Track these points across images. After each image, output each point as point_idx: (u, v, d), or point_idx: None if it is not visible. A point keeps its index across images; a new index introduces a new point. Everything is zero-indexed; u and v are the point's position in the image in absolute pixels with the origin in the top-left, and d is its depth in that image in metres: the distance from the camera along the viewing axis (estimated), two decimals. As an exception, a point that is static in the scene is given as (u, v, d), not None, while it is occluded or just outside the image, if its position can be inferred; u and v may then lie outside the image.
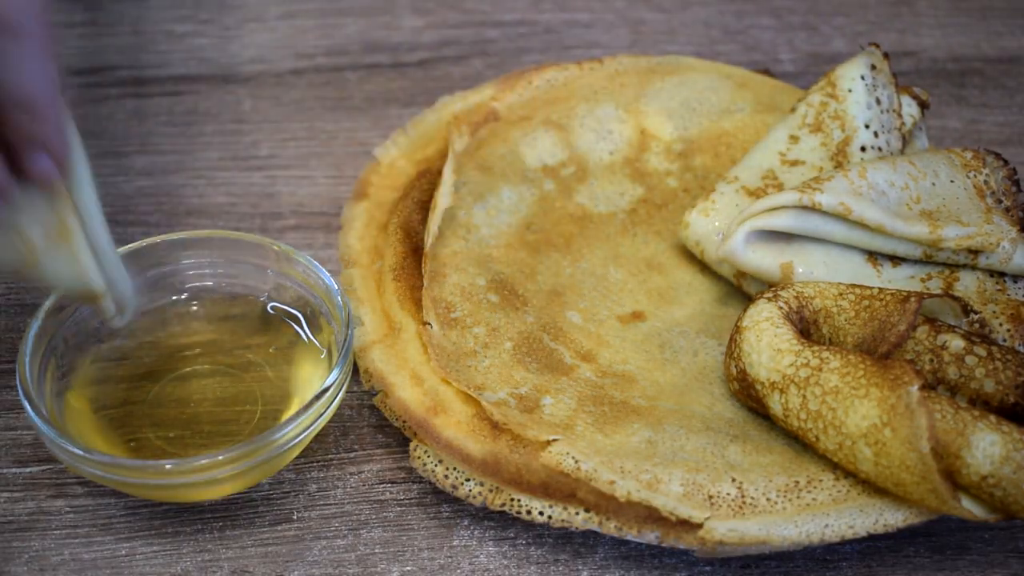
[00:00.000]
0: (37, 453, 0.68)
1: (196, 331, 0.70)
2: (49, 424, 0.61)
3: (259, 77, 0.94)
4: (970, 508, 0.59)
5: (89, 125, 0.90)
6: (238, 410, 0.67)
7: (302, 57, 0.96)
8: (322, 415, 0.63)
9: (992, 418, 0.59)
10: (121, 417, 0.66)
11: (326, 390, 0.63)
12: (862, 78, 0.75)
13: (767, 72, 0.86)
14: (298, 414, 0.62)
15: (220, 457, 0.60)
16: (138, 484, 0.61)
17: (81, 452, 0.60)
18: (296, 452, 0.64)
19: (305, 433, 0.63)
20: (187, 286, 0.71)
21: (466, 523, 0.65)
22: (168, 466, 0.60)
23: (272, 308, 0.70)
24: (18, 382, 0.63)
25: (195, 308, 0.71)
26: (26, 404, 0.62)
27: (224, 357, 0.69)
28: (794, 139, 0.75)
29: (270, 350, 0.69)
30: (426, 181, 0.77)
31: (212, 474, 0.60)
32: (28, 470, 0.67)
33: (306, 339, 0.69)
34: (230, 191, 0.84)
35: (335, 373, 0.64)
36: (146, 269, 0.70)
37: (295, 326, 0.70)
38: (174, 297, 0.71)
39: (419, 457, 0.64)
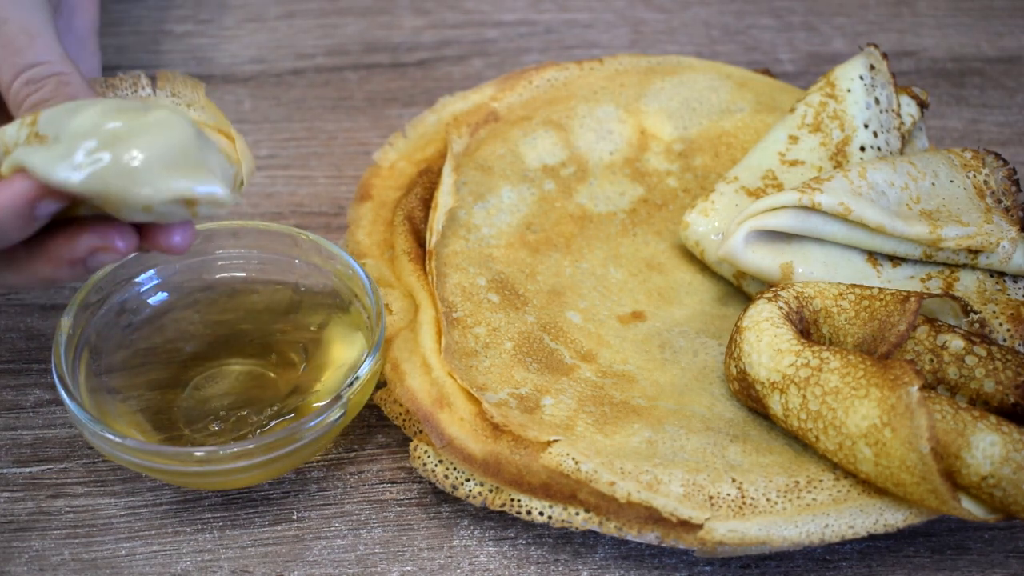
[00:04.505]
0: (37, 453, 0.68)
1: (227, 321, 0.70)
2: (85, 411, 0.61)
3: (259, 77, 0.94)
4: (970, 508, 0.59)
5: (89, 125, 0.89)
6: (271, 399, 0.67)
7: (302, 57, 0.96)
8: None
9: (992, 418, 0.59)
10: (155, 413, 0.66)
11: (356, 380, 0.63)
12: (861, 78, 0.75)
13: (767, 72, 0.86)
14: (329, 404, 0.62)
15: (251, 446, 0.61)
16: (172, 471, 0.62)
17: (117, 439, 0.61)
18: (327, 441, 0.64)
19: (335, 425, 0.63)
20: (217, 276, 0.71)
21: (466, 523, 0.65)
22: (199, 454, 0.61)
23: (302, 295, 0.71)
24: (53, 370, 0.63)
25: (226, 298, 0.71)
26: (62, 392, 0.62)
27: (256, 347, 0.69)
28: (793, 139, 0.75)
29: (303, 337, 0.70)
30: (428, 179, 0.77)
31: (243, 462, 0.61)
32: (28, 470, 0.67)
33: (339, 324, 0.69)
34: (230, 191, 0.84)
35: (368, 364, 0.64)
36: (176, 260, 0.70)
37: (326, 310, 0.70)
38: (205, 288, 0.71)
39: (419, 457, 0.64)
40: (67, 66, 0.63)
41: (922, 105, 0.77)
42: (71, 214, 0.59)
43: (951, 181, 0.72)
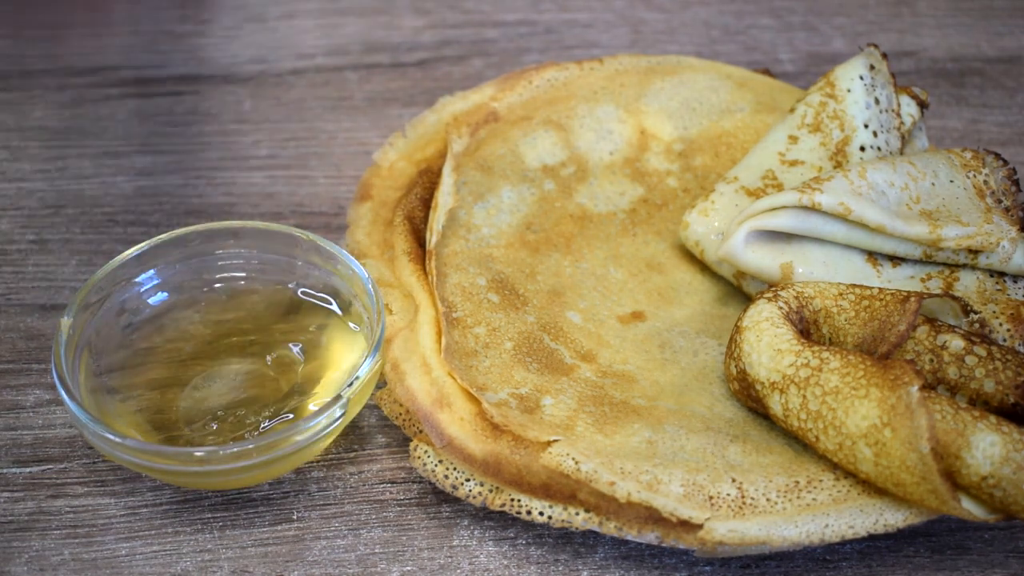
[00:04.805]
0: (37, 453, 0.68)
1: (227, 321, 0.71)
2: (85, 411, 0.61)
3: (259, 77, 0.94)
4: (970, 508, 0.59)
5: (89, 125, 0.90)
6: (270, 398, 0.67)
7: (302, 57, 0.96)
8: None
9: (992, 418, 0.59)
10: (155, 413, 0.66)
11: (356, 380, 0.63)
12: (861, 78, 0.75)
13: (767, 72, 0.86)
14: (329, 404, 0.62)
15: (251, 446, 0.61)
16: (172, 471, 0.62)
17: (117, 439, 0.61)
18: (327, 441, 0.64)
19: (335, 424, 0.63)
20: (217, 276, 0.71)
21: (466, 523, 0.65)
22: (199, 454, 0.61)
23: (303, 295, 0.71)
24: (53, 371, 0.63)
25: (226, 298, 0.71)
26: (62, 392, 0.62)
27: (256, 346, 0.69)
28: (793, 139, 0.75)
29: (303, 337, 0.70)
30: (428, 179, 0.77)
31: (243, 462, 0.61)
32: (28, 470, 0.67)
33: (338, 322, 0.69)
34: (230, 191, 0.84)
35: (367, 363, 0.64)
36: (177, 261, 0.70)
37: (326, 311, 0.70)
38: (205, 288, 0.71)
39: (419, 457, 0.64)
40: None
41: (922, 105, 0.77)
42: None
43: (951, 181, 0.72)
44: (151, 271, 0.70)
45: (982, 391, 0.62)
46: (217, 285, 0.71)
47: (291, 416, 0.66)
